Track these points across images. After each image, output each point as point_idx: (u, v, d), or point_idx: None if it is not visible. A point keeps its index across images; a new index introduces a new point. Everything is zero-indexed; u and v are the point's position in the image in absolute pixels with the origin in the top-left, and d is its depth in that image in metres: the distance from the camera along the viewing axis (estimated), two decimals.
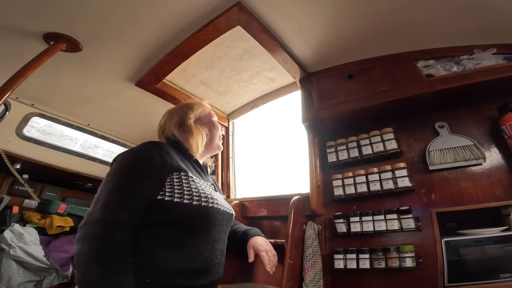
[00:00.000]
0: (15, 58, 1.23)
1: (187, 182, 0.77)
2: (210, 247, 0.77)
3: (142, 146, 0.78)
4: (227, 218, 0.87)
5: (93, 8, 1.13)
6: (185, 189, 0.75)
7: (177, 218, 0.72)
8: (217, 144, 1.03)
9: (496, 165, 1.15)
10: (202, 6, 1.17)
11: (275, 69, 1.73)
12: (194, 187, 0.77)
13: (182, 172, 0.78)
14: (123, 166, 0.73)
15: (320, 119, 1.49)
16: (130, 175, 0.71)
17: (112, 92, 1.73)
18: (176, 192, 0.74)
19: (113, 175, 0.72)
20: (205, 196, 0.77)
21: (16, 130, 1.72)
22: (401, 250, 1.16)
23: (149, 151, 0.76)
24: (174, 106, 1.05)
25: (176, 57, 1.43)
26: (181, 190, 0.75)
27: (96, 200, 0.68)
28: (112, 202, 0.66)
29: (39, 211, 1.89)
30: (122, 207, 0.66)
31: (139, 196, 0.69)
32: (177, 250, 0.69)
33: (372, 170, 1.34)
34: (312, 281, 1.23)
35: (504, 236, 1.00)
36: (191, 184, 0.77)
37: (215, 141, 1.02)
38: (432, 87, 1.19)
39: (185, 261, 0.70)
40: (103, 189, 0.69)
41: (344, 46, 1.41)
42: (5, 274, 1.45)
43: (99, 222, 0.63)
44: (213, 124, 1.03)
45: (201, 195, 0.77)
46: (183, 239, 0.72)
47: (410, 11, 1.16)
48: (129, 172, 0.72)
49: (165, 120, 0.99)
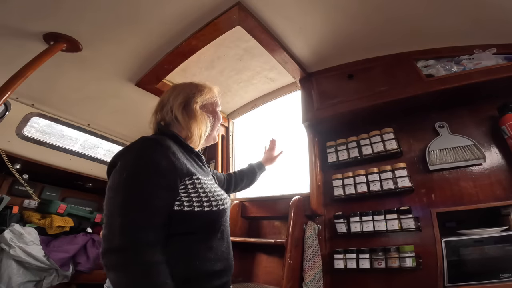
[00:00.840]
0: (15, 58, 1.23)
1: (201, 187, 0.74)
2: (226, 243, 0.78)
3: (141, 148, 0.69)
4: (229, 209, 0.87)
5: (93, 8, 1.13)
6: (202, 195, 0.72)
7: (200, 226, 0.72)
8: (214, 136, 0.95)
9: (496, 165, 1.15)
10: (202, 6, 1.17)
11: (275, 69, 1.73)
12: (208, 191, 0.75)
13: (194, 176, 0.73)
14: (129, 176, 0.64)
15: (320, 119, 1.49)
16: (140, 187, 0.63)
17: (112, 92, 1.73)
18: (195, 200, 0.70)
19: (121, 189, 0.63)
20: (220, 199, 0.77)
21: (16, 130, 1.72)
22: (401, 250, 1.16)
23: (153, 155, 0.67)
24: (181, 83, 0.94)
25: (176, 57, 1.43)
26: (199, 197, 0.71)
27: (109, 221, 0.61)
28: (131, 222, 0.60)
29: (39, 211, 1.89)
30: (143, 226, 0.60)
31: (157, 209, 0.63)
32: (205, 256, 0.70)
33: (372, 170, 1.34)
34: (312, 281, 1.23)
35: (504, 236, 1.00)
36: (205, 189, 0.75)
37: (213, 133, 0.95)
38: (432, 87, 1.19)
39: (212, 265, 0.71)
40: (113, 206, 0.62)
41: (344, 46, 1.41)
42: (5, 274, 1.45)
43: (124, 250, 0.58)
44: (217, 115, 0.94)
45: (216, 198, 0.75)
46: (207, 245, 0.72)
47: (411, 11, 1.16)
48: (138, 183, 0.63)
49: (168, 96, 0.88)
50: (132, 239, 0.58)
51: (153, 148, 0.69)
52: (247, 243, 1.53)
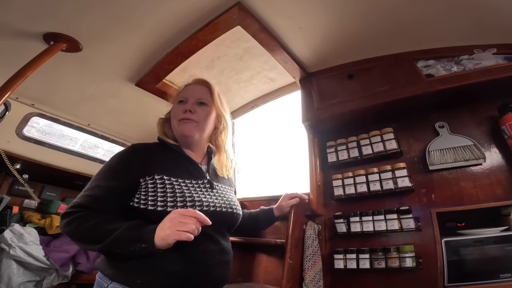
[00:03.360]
0: (15, 58, 1.23)
1: (163, 187, 0.76)
2: (199, 249, 0.76)
3: (121, 151, 0.85)
4: (221, 217, 0.84)
5: (93, 8, 1.13)
6: (159, 195, 0.75)
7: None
8: (177, 132, 0.90)
9: (496, 165, 1.15)
10: (202, 6, 1.17)
11: (275, 69, 1.73)
12: (170, 191, 0.76)
13: (156, 175, 0.78)
14: (102, 168, 0.81)
15: (320, 119, 1.48)
16: (105, 177, 0.78)
17: (112, 92, 1.73)
18: (150, 199, 0.74)
19: (95, 174, 0.81)
20: (181, 200, 0.76)
21: (16, 130, 1.72)
22: (401, 250, 1.16)
23: (121, 158, 0.82)
24: None
25: (176, 57, 1.43)
26: (155, 196, 0.75)
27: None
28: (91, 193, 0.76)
29: (39, 211, 1.89)
30: (96, 200, 0.75)
31: (112, 195, 0.76)
32: (164, 252, 0.68)
33: (372, 170, 1.34)
34: (312, 281, 1.23)
35: (504, 236, 1.00)
36: (167, 189, 0.76)
37: (174, 127, 0.92)
38: (432, 87, 1.19)
39: (171, 263, 0.71)
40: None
41: (344, 46, 1.41)
42: (5, 274, 1.45)
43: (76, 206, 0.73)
44: (173, 111, 0.94)
45: (176, 199, 0.75)
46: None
47: (410, 11, 1.16)
48: (104, 174, 0.79)
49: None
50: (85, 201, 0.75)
51: (120, 153, 0.84)
52: (247, 243, 1.53)
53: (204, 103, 0.94)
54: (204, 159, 0.98)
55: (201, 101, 0.93)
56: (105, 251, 0.71)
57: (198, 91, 0.95)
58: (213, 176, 0.94)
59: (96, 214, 0.72)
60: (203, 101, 0.94)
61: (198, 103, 0.93)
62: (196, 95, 0.94)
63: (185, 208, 0.72)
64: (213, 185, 0.89)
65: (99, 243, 0.67)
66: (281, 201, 1.26)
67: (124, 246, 0.66)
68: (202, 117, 0.91)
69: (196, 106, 0.91)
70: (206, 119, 0.92)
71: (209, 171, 0.95)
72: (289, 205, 1.24)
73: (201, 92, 0.95)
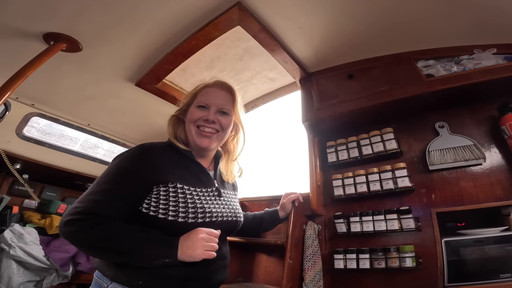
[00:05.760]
0: (15, 58, 1.23)
1: (175, 196, 0.75)
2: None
3: (131, 152, 0.78)
4: (226, 226, 0.86)
5: (93, 8, 1.13)
6: (171, 204, 0.74)
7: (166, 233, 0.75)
8: (194, 141, 0.85)
9: (496, 165, 1.15)
10: (202, 6, 1.17)
11: (275, 69, 1.73)
12: (182, 201, 0.75)
13: (170, 183, 0.76)
14: (110, 169, 0.77)
15: (320, 119, 1.48)
16: (115, 181, 0.74)
17: (112, 92, 1.73)
18: (161, 207, 0.74)
19: (102, 175, 0.76)
20: (193, 211, 0.76)
21: (16, 130, 1.72)
22: (401, 250, 1.16)
23: (133, 160, 0.76)
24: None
25: (176, 57, 1.43)
26: (167, 205, 0.74)
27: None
28: (97, 199, 0.71)
29: (39, 211, 1.89)
30: (106, 206, 0.71)
31: (122, 200, 0.73)
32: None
33: (372, 170, 1.34)
34: (312, 281, 1.23)
35: (504, 236, 0.99)
36: (179, 198, 0.75)
37: (189, 131, 0.86)
38: (432, 87, 1.19)
39: (173, 267, 0.72)
40: (92, 185, 0.74)
41: (344, 46, 1.41)
42: (5, 274, 1.45)
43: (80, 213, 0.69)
44: (190, 114, 0.88)
45: (188, 210, 0.75)
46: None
47: (410, 11, 1.16)
48: (115, 177, 0.75)
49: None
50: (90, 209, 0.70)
51: (137, 154, 0.78)
52: (247, 243, 1.53)
53: (226, 112, 0.89)
54: (212, 163, 0.97)
55: (224, 111, 0.89)
56: (123, 264, 0.70)
57: (221, 98, 0.89)
58: (219, 182, 0.93)
59: (107, 223, 0.69)
60: (225, 110, 0.89)
61: (220, 112, 0.88)
62: (219, 103, 0.88)
63: (197, 220, 0.76)
64: (220, 192, 0.89)
65: (117, 256, 0.69)
66: (282, 199, 1.27)
67: (146, 261, 0.68)
68: (222, 128, 0.88)
69: (218, 115, 0.87)
70: (226, 130, 0.89)
71: (216, 177, 0.94)
72: (289, 200, 1.24)
73: (224, 100, 0.89)
